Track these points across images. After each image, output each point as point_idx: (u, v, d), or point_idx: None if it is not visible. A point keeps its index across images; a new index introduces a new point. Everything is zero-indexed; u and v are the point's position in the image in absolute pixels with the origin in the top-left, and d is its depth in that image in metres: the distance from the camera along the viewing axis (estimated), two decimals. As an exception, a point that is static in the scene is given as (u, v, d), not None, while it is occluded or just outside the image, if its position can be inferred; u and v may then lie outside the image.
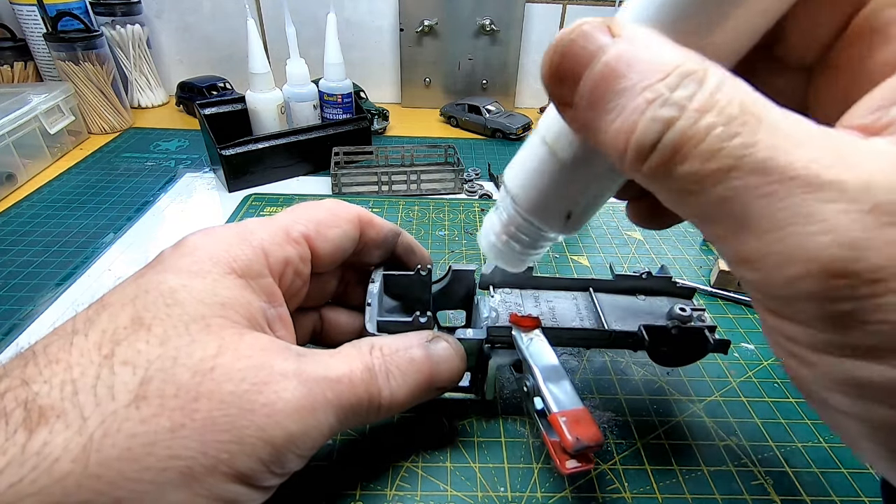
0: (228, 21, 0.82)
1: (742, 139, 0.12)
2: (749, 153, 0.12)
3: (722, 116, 0.12)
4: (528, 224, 0.21)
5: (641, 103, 0.13)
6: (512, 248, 0.22)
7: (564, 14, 0.81)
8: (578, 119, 0.15)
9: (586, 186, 0.19)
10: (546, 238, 0.22)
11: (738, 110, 0.12)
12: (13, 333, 0.37)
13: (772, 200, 0.12)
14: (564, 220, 0.20)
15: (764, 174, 0.12)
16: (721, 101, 0.12)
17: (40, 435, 0.16)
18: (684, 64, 0.13)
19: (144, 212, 0.53)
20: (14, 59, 0.74)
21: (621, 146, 0.14)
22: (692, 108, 0.12)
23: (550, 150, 0.18)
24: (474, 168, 0.64)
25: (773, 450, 0.30)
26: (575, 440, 0.22)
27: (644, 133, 0.13)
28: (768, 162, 0.12)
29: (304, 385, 0.20)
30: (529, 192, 0.20)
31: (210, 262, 0.22)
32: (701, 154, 0.12)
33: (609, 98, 0.14)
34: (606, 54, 0.14)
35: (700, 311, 0.30)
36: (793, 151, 0.12)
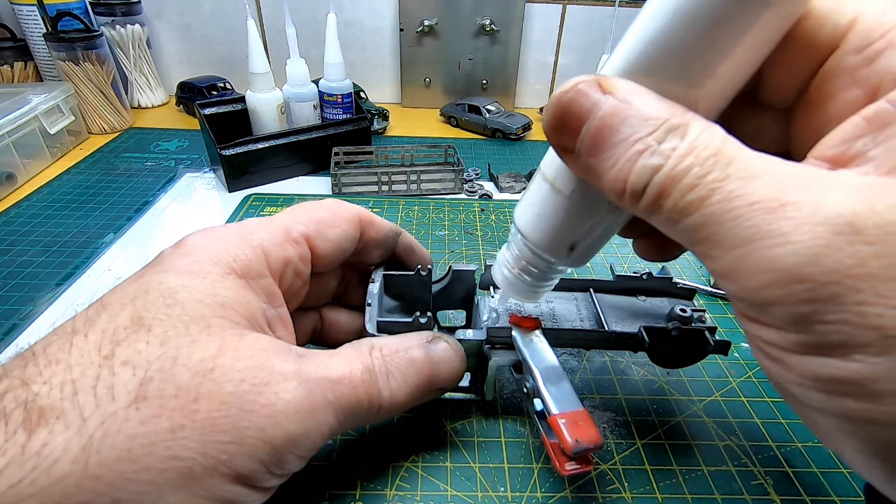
0: (228, 21, 0.81)
1: (714, 175, 0.14)
2: (720, 185, 0.14)
3: (699, 159, 0.15)
4: (537, 257, 0.23)
5: (634, 154, 0.15)
6: (524, 281, 0.24)
7: (564, 14, 0.81)
8: (580, 164, 0.17)
9: (586, 219, 0.20)
10: (555, 270, 0.23)
11: (711, 153, 0.14)
12: (13, 333, 0.37)
13: (739, 222, 0.14)
14: (568, 252, 0.21)
15: (732, 201, 0.14)
16: (699, 147, 0.15)
17: (40, 435, 0.16)
18: (670, 119, 0.15)
19: (144, 212, 0.53)
20: (14, 59, 0.74)
21: (619, 188, 0.16)
22: (676, 154, 0.15)
23: (552, 187, 0.20)
24: (474, 168, 0.64)
25: (773, 450, 0.30)
26: (574, 442, 0.22)
27: (637, 178, 0.15)
28: (736, 191, 0.14)
29: (304, 386, 0.20)
30: (535, 227, 0.21)
31: (210, 262, 0.22)
32: (681, 189, 0.15)
33: (606, 148, 0.16)
34: (601, 110, 0.16)
35: (700, 311, 0.30)
36: (758, 181, 0.14)
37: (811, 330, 0.13)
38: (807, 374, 0.13)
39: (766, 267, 0.13)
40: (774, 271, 0.13)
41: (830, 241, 0.12)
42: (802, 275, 0.12)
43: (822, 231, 0.12)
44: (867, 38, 0.15)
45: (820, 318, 0.13)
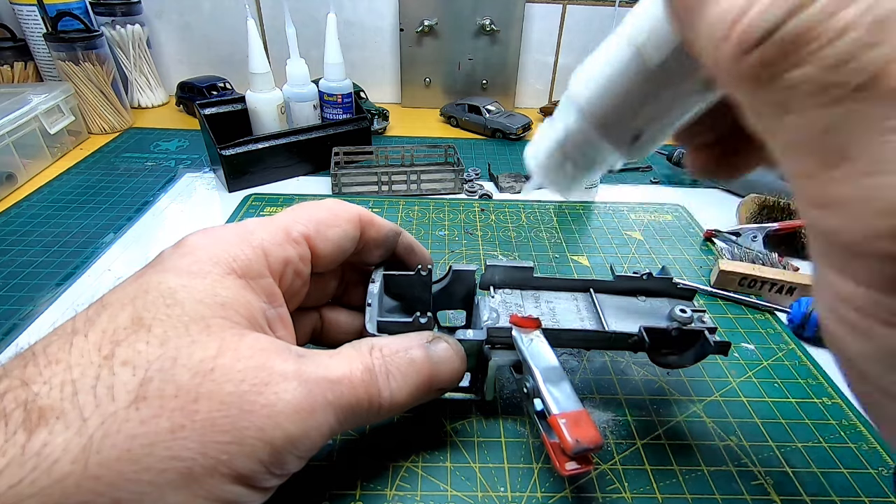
0: (228, 21, 0.81)
1: (885, 51, 0.09)
2: (891, 72, 0.09)
3: (867, 17, 0.10)
4: (590, 141, 0.19)
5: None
6: (564, 168, 0.20)
7: (564, 14, 0.81)
8: (678, 2, 0.13)
9: (667, 100, 0.17)
10: (605, 160, 0.20)
11: (885, 13, 0.10)
12: (13, 333, 0.37)
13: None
14: (631, 141, 0.18)
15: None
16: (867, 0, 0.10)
17: (40, 436, 0.16)
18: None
19: (144, 212, 0.53)
20: (14, 59, 0.74)
21: (724, 31, 0.11)
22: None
23: (637, 51, 0.16)
24: (474, 168, 0.64)
25: (773, 450, 0.30)
26: (574, 442, 0.22)
27: (759, 16, 0.10)
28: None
29: (303, 386, 0.20)
30: (602, 101, 0.18)
31: (210, 262, 0.22)
32: (827, 59, 0.10)
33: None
34: None
35: (700, 312, 0.30)
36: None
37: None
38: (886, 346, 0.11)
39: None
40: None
41: None
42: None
43: None
44: None
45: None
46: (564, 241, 0.50)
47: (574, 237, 0.50)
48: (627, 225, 0.53)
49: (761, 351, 0.37)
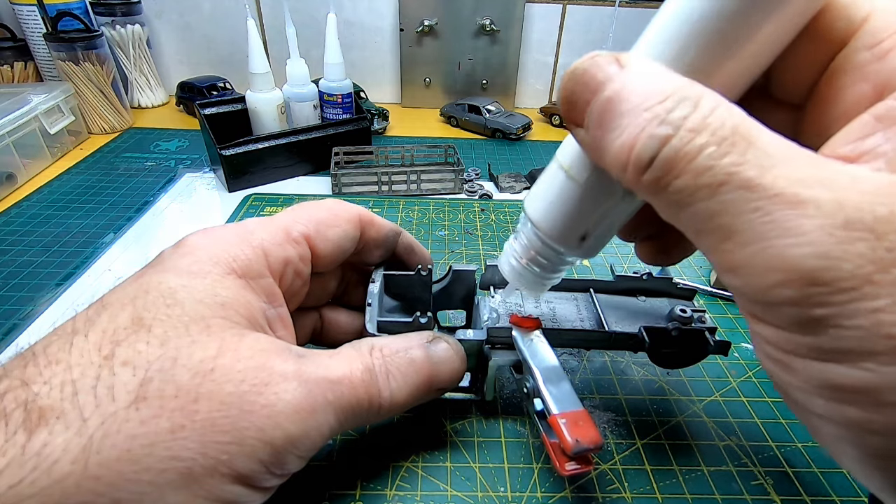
0: (228, 21, 0.81)
1: (731, 158, 0.13)
2: (738, 171, 0.13)
3: (714, 137, 0.13)
4: (547, 247, 0.22)
5: (641, 122, 0.14)
6: (532, 272, 0.24)
7: (564, 14, 0.81)
8: (588, 139, 0.17)
9: (598, 208, 0.20)
10: (564, 262, 0.23)
11: (729, 132, 0.13)
12: (13, 333, 0.37)
13: (757, 215, 0.13)
14: (579, 242, 0.21)
15: (750, 190, 0.13)
16: (714, 123, 0.14)
17: (40, 436, 0.16)
18: (682, 89, 0.14)
19: (144, 212, 0.53)
20: (14, 59, 0.74)
21: (623, 160, 0.15)
22: (686, 127, 0.14)
23: (566, 174, 0.20)
24: (474, 168, 0.64)
25: (773, 450, 0.30)
26: (574, 442, 0.22)
27: (643, 149, 0.14)
28: (755, 179, 0.13)
29: (304, 386, 0.20)
30: (546, 215, 0.21)
31: (210, 262, 0.22)
32: (693, 170, 0.14)
33: (614, 118, 0.15)
34: (614, 82, 0.15)
35: (701, 312, 0.30)
36: (778, 171, 0.13)
37: (822, 333, 0.12)
38: (811, 380, 0.13)
39: (781, 266, 0.13)
40: (790, 271, 0.12)
41: (851, 246, 0.12)
42: (820, 278, 0.12)
43: (842, 235, 0.12)
44: (878, 34, 0.15)
45: (833, 323, 0.12)
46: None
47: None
48: (627, 225, 0.53)
49: (761, 351, 0.37)
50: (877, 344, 0.12)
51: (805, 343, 0.13)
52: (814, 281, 0.12)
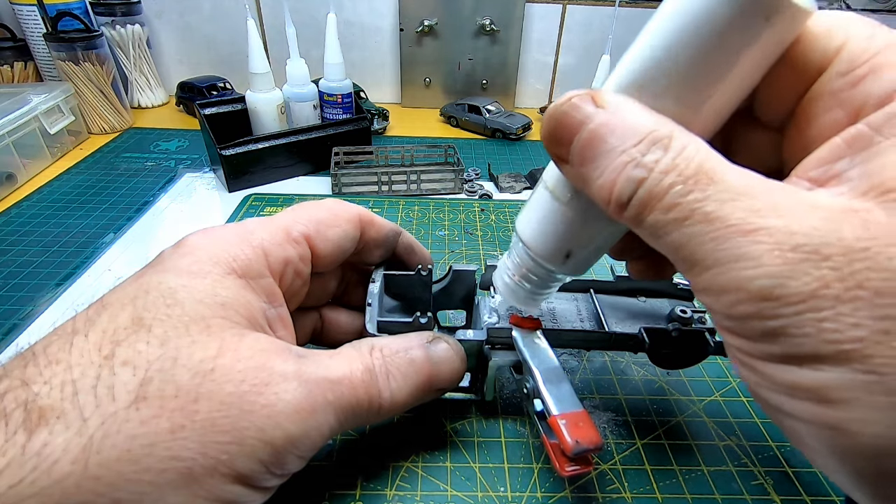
0: (228, 21, 0.81)
1: (694, 195, 0.15)
2: (699, 206, 0.15)
3: (680, 177, 0.15)
4: (536, 265, 0.23)
5: (619, 165, 0.16)
6: (523, 288, 0.25)
7: (564, 14, 0.81)
8: (573, 174, 0.18)
9: (582, 227, 0.21)
10: (553, 278, 0.24)
11: (693, 171, 0.15)
12: (13, 333, 0.37)
13: (717, 244, 0.14)
14: (564, 260, 0.22)
15: (710, 223, 0.15)
16: (681, 164, 0.15)
17: (40, 436, 0.16)
18: (655, 131, 0.16)
19: (144, 212, 0.53)
20: (14, 59, 0.74)
21: (606, 197, 0.17)
22: (657, 170, 0.15)
23: (552, 194, 0.21)
24: (474, 168, 0.64)
25: (773, 450, 0.30)
26: (574, 443, 0.22)
27: (621, 190, 0.16)
28: (714, 213, 0.15)
29: (304, 386, 0.20)
30: (535, 234, 0.22)
31: (210, 262, 0.22)
32: (662, 207, 0.15)
33: (594, 158, 0.17)
34: (592, 122, 0.17)
35: (701, 312, 0.30)
36: (735, 203, 0.14)
37: (778, 342, 0.14)
38: (774, 380, 0.15)
39: (739, 286, 0.14)
40: (747, 290, 0.14)
41: (797, 266, 0.13)
42: (772, 294, 0.14)
43: (791, 257, 0.13)
44: (853, 62, 0.16)
45: (785, 332, 0.14)
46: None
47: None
48: (627, 225, 0.53)
49: (761, 351, 0.37)
50: (822, 348, 0.13)
51: (766, 350, 0.15)
52: (766, 297, 0.14)
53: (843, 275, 0.13)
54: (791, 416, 0.15)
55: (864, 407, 0.13)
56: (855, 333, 0.13)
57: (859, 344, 0.13)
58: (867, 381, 0.13)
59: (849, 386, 0.13)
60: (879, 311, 0.13)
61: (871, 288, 0.13)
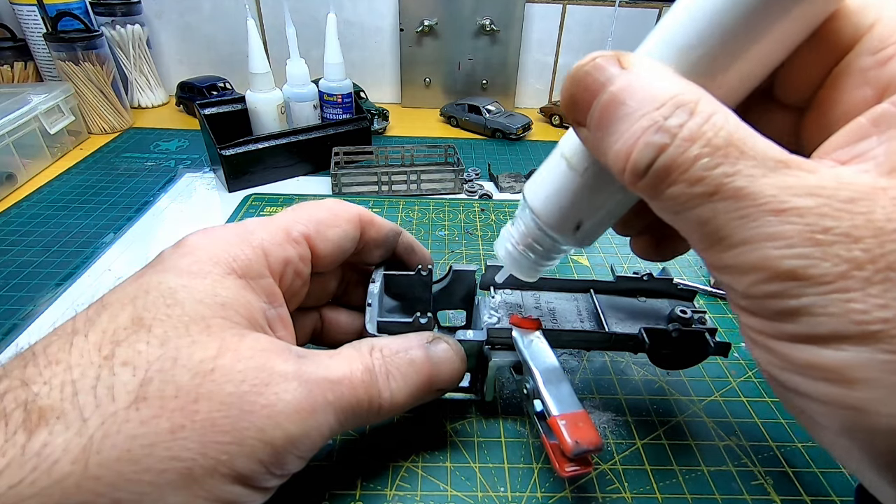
0: (228, 21, 0.81)
1: (723, 169, 0.14)
2: (729, 181, 0.14)
3: (708, 147, 0.14)
4: (543, 234, 0.23)
5: (638, 130, 0.15)
6: (527, 258, 0.24)
7: (564, 14, 0.81)
8: (589, 138, 0.17)
9: (595, 198, 0.20)
10: (558, 249, 0.23)
11: (723, 142, 0.14)
12: (13, 333, 0.37)
13: (744, 221, 0.14)
14: (574, 231, 0.21)
15: (739, 199, 0.14)
16: (708, 133, 0.14)
17: (40, 436, 0.16)
18: (679, 94, 0.15)
19: (144, 212, 0.53)
20: (14, 59, 0.74)
21: (622, 165, 0.16)
22: (682, 136, 0.14)
23: (567, 163, 0.20)
24: (474, 168, 0.64)
25: (773, 450, 0.30)
26: (574, 444, 0.22)
27: (639, 156, 0.15)
28: (744, 189, 0.14)
29: (304, 386, 0.20)
30: (545, 202, 0.21)
31: (210, 262, 0.22)
32: (687, 179, 0.15)
33: (613, 122, 0.16)
34: (613, 84, 0.16)
35: (701, 313, 0.30)
36: (766, 180, 0.14)
37: (799, 321, 0.14)
38: (791, 360, 0.14)
39: (765, 265, 0.14)
40: (773, 269, 0.14)
41: (830, 248, 0.13)
42: (801, 274, 0.13)
43: (821, 238, 0.13)
44: (884, 40, 0.16)
45: (809, 312, 0.14)
46: (564, 241, 0.50)
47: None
48: (627, 225, 0.53)
49: (761, 351, 0.37)
50: (847, 328, 0.13)
51: (785, 329, 0.14)
52: (793, 276, 0.14)
53: (874, 256, 0.13)
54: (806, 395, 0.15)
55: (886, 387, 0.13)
56: (882, 315, 0.13)
57: (885, 325, 0.13)
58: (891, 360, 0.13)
59: (871, 366, 0.13)
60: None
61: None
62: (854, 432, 0.14)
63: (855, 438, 0.14)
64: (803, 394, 0.15)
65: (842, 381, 0.13)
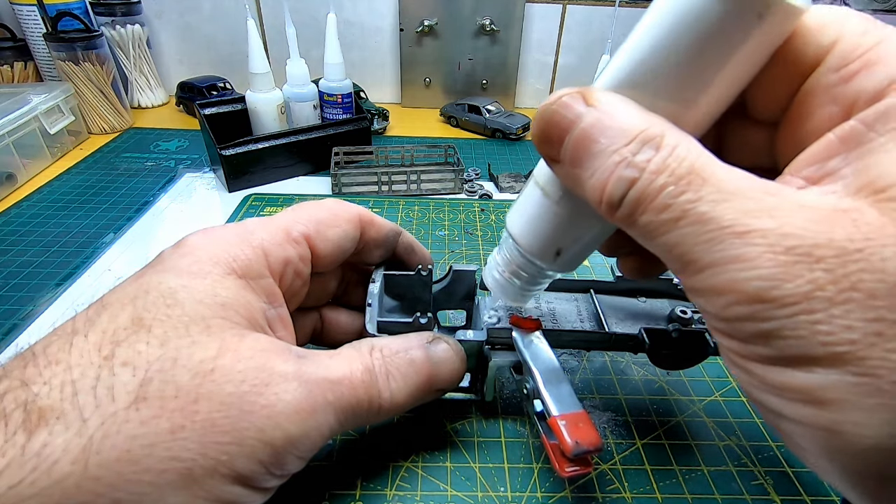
0: (228, 21, 0.81)
1: (687, 196, 0.15)
2: (692, 207, 0.15)
3: (672, 177, 0.15)
4: (526, 261, 0.23)
5: (610, 165, 0.16)
6: (513, 284, 0.25)
7: (564, 14, 0.81)
8: (564, 173, 0.18)
9: (572, 225, 0.21)
10: (543, 275, 0.24)
11: (685, 171, 0.15)
12: (13, 333, 0.37)
13: (710, 245, 0.14)
14: (555, 257, 0.22)
15: (703, 224, 0.14)
16: (672, 164, 0.15)
17: (40, 436, 0.16)
18: (646, 129, 0.16)
19: (144, 212, 0.53)
20: (14, 59, 0.74)
21: (598, 198, 0.17)
22: (649, 170, 0.15)
23: (543, 192, 0.21)
24: (474, 168, 0.64)
25: (773, 450, 0.30)
26: (574, 444, 0.22)
27: (613, 190, 0.16)
28: (707, 214, 0.14)
29: (304, 387, 0.20)
30: (524, 230, 0.22)
31: (210, 262, 0.22)
32: (655, 208, 0.15)
33: (586, 159, 0.17)
34: (582, 121, 0.17)
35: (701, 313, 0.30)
36: (728, 204, 0.14)
37: (772, 344, 0.14)
38: (767, 381, 0.15)
39: (733, 288, 0.14)
40: (741, 292, 0.14)
41: (791, 268, 0.13)
42: (766, 296, 0.14)
43: (783, 259, 0.13)
44: (846, 57, 0.16)
45: (779, 335, 0.14)
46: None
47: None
48: (627, 225, 0.53)
49: (761, 351, 0.37)
50: (815, 350, 0.13)
51: (759, 351, 0.14)
52: (760, 299, 0.14)
53: (837, 277, 0.13)
54: (784, 417, 0.15)
55: (857, 408, 0.13)
56: (848, 336, 0.13)
57: (852, 346, 0.13)
58: (860, 382, 0.13)
59: (841, 388, 0.13)
60: (872, 314, 0.13)
61: (864, 290, 0.13)
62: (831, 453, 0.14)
63: (831, 459, 0.14)
64: (782, 415, 0.15)
65: (815, 403, 0.14)
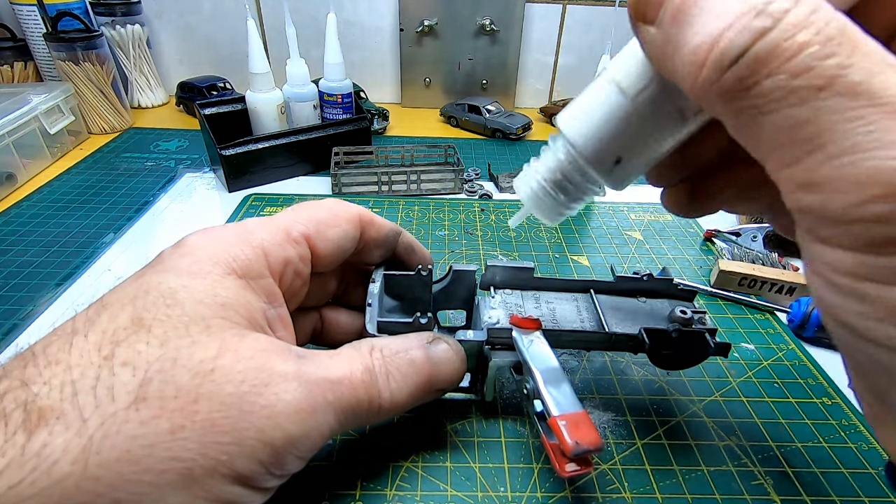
0: (228, 21, 0.81)
1: (838, 60, 0.12)
2: (843, 74, 0.12)
3: (819, 36, 0.12)
4: (575, 168, 0.21)
5: (732, 14, 0.13)
6: (552, 197, 0.22)
7: (564, 14, 0.81)
8: (658, 37, 0.15)
9: (643, 127, 0.18)
10: (588, 190, 0.22)
11: (836, 32, 0.12)
12: (13, 333, 0.37)
13: (857, 124, 0.12)
14: (612, 166, 0.20)
15: (854, 97, 0.12)
16: (818, 22, 0.12)
17: (40, 436, 0.16)
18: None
19: (144, 212, 0.53)
20: (14, 59, 0.74)
21: (702, 58, 0.13)
22: (788, 21, 0.12)
23: (617, 86, 0.18)
24: (474, 168, 0.64)
25: (773, 450, 0.30)
26: (574, 444, 0.22)
27: (732, 42, 0.13)
28: (861, 85, 0.12)
29: (304, 387, 0.20)
30: (584, 132, 0.19)
31: (210, 262, 0.22)
32: (791, 69, 0.12)
33: (697, 10, 0.13)
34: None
35: (701, 313, 0.30)
36: (886, 76, 0.12)
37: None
38: (880, 303, 0.12)
39: (877, 179, 0.11)
40: (887, 185, 0.11)
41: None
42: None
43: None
44: None
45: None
46: (564, 241, 0.50)
47: (574, 237, 0.50)
48: (627, 225, 0.53)
49: (761, 351, 0.37)
50: None
51: (884, 265, 0.12)
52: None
53: None
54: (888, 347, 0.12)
55: None
56: None
57: None
58: None
59: None
60: None
61: None
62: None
63: None
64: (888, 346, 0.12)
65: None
